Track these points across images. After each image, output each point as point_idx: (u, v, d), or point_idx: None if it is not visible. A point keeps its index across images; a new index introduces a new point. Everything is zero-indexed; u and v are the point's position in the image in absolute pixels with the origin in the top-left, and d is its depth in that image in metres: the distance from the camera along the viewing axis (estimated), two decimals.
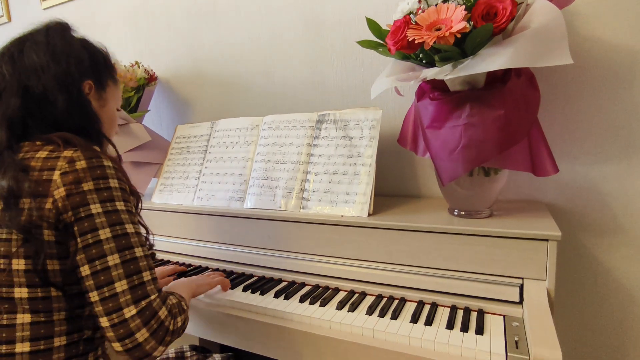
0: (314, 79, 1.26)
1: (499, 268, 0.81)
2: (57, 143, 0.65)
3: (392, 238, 0.90)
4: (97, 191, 0.62)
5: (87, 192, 0.61)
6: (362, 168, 0.98)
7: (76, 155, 0.63)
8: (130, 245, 0.63)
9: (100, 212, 0.61)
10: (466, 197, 0.89)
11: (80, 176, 0.61)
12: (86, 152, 0.64)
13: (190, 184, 1.24)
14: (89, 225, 0.61)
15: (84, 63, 0.73)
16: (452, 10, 0.73)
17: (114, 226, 0.62)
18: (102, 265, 0.60)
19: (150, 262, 0.66)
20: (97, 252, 0.60)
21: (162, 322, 0.62)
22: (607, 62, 0.90)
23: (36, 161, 0.63)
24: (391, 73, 0.87)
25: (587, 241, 0.98)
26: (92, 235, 0.60)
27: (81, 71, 0.72)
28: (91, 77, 0.75)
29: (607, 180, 0.94)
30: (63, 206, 0.60)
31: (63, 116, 0.69)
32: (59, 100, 0.68)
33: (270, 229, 1.06)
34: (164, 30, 1.52)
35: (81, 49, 0.74)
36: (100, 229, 0.61)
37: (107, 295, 0.59)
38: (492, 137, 0.78)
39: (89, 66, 0.74)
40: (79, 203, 0.61)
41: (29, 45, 0.70)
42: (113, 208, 0.63)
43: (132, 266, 0.62)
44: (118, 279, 0.60)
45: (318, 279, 0.99)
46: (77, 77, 0.72)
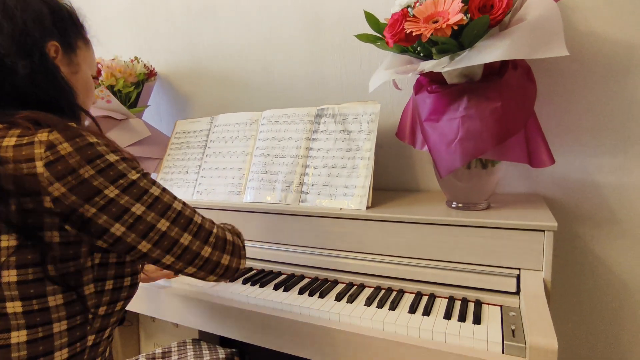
0: (313, 74, 1.26)
1: (496, 259, 0.82)
2: (24, 126, 0.54)
3: (390, 230, 0.90)
4: (100, 174, 0.54)
5: (91, 178, 0.54)
6: (361, 161, 0.99)
7: (54, 138, 0.52)
8: (167, 204, 0.60)
9: (120, 193, 0.56)
10: (464, 190, 0.90)
11: (71, 163, 0.52)
12: (64, 131, 0.54)
13: (189, 178, 1.25)
14: (118, 209, 0.55)
15: (44, 20, 0.62)
16: (449, 3, 0.74)
17: (142, 197, 0.57)
18: (158, 235, 0.59)
19: (189, 207, 0.65)
20: (144, 227, 0.57)
21: (232, 242, 0.69)
22: (603, 55, 0.91)
23: (5, 151, 0.52)
24: (389, 66, 0.87)
25: (584, 233, 0.99)
26: (128, 216, 0.56)
27: (43, 30, 0.61)
28: (56, 37, 0.63)
29: (603, 173, 0.94)
30: (73, 202, 0.53)
31: (27, 86, 0.58)
32: (20, 65, 0.57)
33: (269, 222, 1.06)
34: (164, 25, 1.53)
35: (39, 2, 0.63)
36: (131, 207, 0.56)
37: (179, 252, 0.61)
38: (489, 129, 0.79)
39: (52, 23, 0.63)
40: (90, 193, 0.54)
41: None
42: (128, 182, 0.56)
43: (182, 220, 0.62)
44: (180, 236, 0.61)
45: (317, 272, 0.99)
46: (37, 37, 0.60)
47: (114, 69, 1.25)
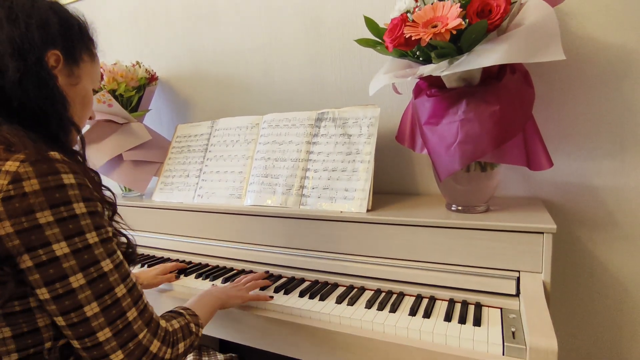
0: (313, 78, 1.27)
1: (495, 261, 0.82)
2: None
3: (390, 233, 0.91)
4: (59, 223, 0.49)
5: (45, 226, 0.49)
6: (361, 165, 1.00)
7: (24, 172, 0.48)
8: (110, 287, 0.54)
9: (68, 253, 0.50)
10: (463, 193, 0.91)
11: (31, 203, 0.48)
12: (38, 164, 0.49)
13: (190, 182, 1.25)
14: (56, 272, 0.50)
15: (50, 28, 0.61)
16: (448, 8, 0.75)
17: (88, 269, 0.52)
18: (79, 317, 0.51)
19: (136, 292, 0.57)
20: (71, 303, 0.51)
21: (154, 355, 0.57)
22: (599, 59, 0.92)
23: None
24: (389, 70, 0.88)
25: (583, 236, 0.99)
26: (61, 285, 0.50)
27: (46, 37, 0.60)
28: (59, 46, 0.62)
29: (601, 176, 0.95)
30: (13, 247, 0.48)
31: (14, 90, 0.55)
32: (10, 67, 0.55)
33: (270, 225, 1.07)
34: (164, 30, 1.54)
35: (49, 10, 0.62)
36: (71, 275, 0.50)
37: (89, 345, 0.53)
38: (488, 132, 0.80)
39: (58, 33, 0.62)
40: (36, 242, 0.48)
41: None
42: (84, 244, 0.51)
43: (114, 311, 0.54)
44: (99, 329, 0.52)
45: (317, 275, 1.00)
46: (38, 43, 0.58)
47: (115, 74, 1.26)
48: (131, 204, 1.30)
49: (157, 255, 1.25)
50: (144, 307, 0.58)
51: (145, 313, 0.58)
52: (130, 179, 1.30)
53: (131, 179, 1.30)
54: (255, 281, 0.93)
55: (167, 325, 0.61)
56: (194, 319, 0.68)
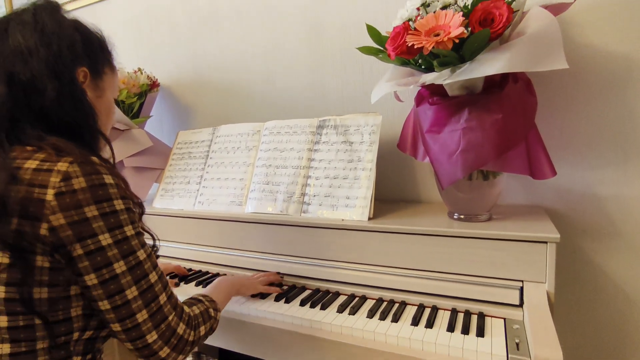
0: (315, 85, 1.27)
1: (498, 271, 0.81)
2: (48, 152, 0.57)
3: (392, 241, 0.90)
4: (102, 217, 0.56)
5: (92, 219, 0.55)
6: (363, 172, 0.99)
7: (72, 171, 0.55)
8: (145, 273, 0.61)
9: (112, 244, 0.57)
10: (465, 201, 0.90)
11: (80, 199, 0.55)
12: (84, 165, 0.56)
13: (191, 188, 1.25)
14: (103, 260, 0.57)
15: (76, 47, 0.65)
16: (450, 17, 0.75)
17: (128, 257, 0.59)
18: (122, 300, 0.58)
19: (164, 279, 0.64)
20: (116, 287, 0.58)
21: (180, 337, 0.64)
22: (602, 68, 0.92)
23: (24, 172, 0.55)
24: (391, 78, 0.88)
25: (586, 245, 0.98)
26: (107, 271, 0.57)
27: (74, 56, 0.64)
28: (86, 63, 0.66)
29: (604, 185, 0.95)
30: (66, 237, 0.54)
31: (53, 108, 0.61)
32: (49, 88, 0.60)
33: (271, 233, 1.06)
34: (167, 37, 1.55)
35: (73, 30, 0.66)
36: (115, 262, 0.57)
37: (129, 326, 0.59)
38: (490, 140, 0.80)
39: (83, 51, 0.66)
40: (85, 233, 0.55)
41: (14, 25, 0.62)
42: (123, 236, 0.58)
43: (149, 294, 0.61)
44: (138, 310, 0.59)
45: (319, 283, 0.99)
46: (69, 62, 0.63)
47: None
48: None
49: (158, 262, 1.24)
50: (171, 293, 0.65)
51: (172, 298, 0.65)
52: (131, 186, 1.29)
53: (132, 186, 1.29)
54: (267, 276, 1.00)
55: (190, 311, 0.68)
56: (212, 304, 0.75)
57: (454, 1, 0.82)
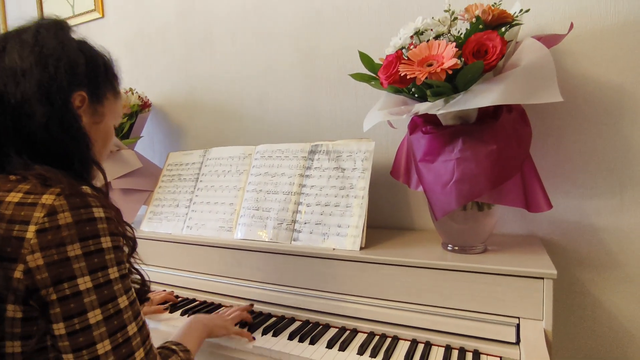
0: (308, 108, 1.26)
1: (494, 306, 0.78)
2: (33, 182, 0.52)
3: (384, 273, 0.87)
4: (86, 257, 0.51)
5: (74, 259, 0.50)
6: (355, 200, 0.97)
7: (59, 205, 0.50)
8: (123, 325, 0.54)
9: (90, 288, 0.51)
10: (460, 232, 0.88)
11: (63, 236, 0.49)
12: (72, 198, 0.51)
13: (180, 212, 1.22)
14: (76, 307, 0.50)
15: (78, 69, 0.61)
16: (444, 47, 0.74)
17: (106, 304, 0.52)
18: (90, 355, 0.51)
19: (144, 331, 0.57)
20: (85, 339, 0.50)
21: None
22: (596, 98, 0.91)
23: (6, 207, 0.50)
24: (383, 106, 0.87)
25: (583, 277, 0.96)
26: (79, 320, 0.50)
27: (73, 79, 0.60)
28: (86, 87, 0.62)
29: (600, 216, 0.93)
30: (41, 280, 0.48)
31: (41, 134, 0.56)
32: (38, 112, 0.55)
33: (260, 261, 1.03)
34: (160, 56, 1.54)
35: (77, 52, 0.62)
36: (90, 310, 0.51)
37: None
38: (485, 171, 0.78)
39: (85, 74, 0.62)
40: (63, 275, 0.49)
41: (13, 43, 0.58)
42: (105, 279, 0.52)
43: (124, 350, 0.53)
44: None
45: (308, 314, 0.95)
46: (65, 86, 0.58)
47: None
48: None
49: None
50: (150, 348, 0.58)
51: (150, 354, 0.57)
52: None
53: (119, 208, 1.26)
54: (240, 312, 0.93)
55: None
56: (186, 355, 0.68)
57: (447, 30, 0.81)
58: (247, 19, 1.34)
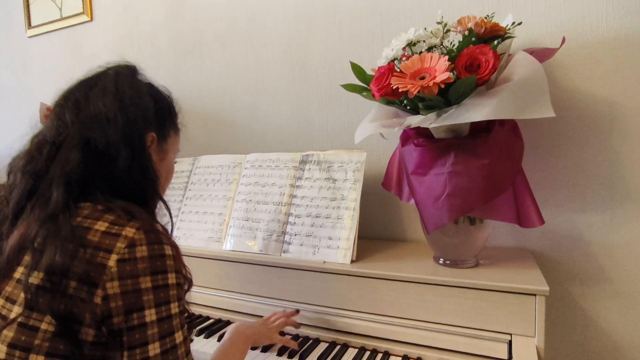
0: (299, 117, 1.24)
1: (486, 322, 0.77)
2: (118, 214, 0.55)
3: (376, 287, 0.86)
4: (154, 290, 0.53)
5: (144, 291, 0.52)
6: (346, 212, 0.96)
7: (138, 238, 0.53)
8: (176, 358, 0.55)
9: (154, 321, 0.52)
10: (452, 246, 0.87)
11: (139, 268, 0.52)
12: (149, 234, 0.54)
13: (168, 221, 1.19)
14: (140, 338, 0.52)
15: (149, 113, 0.64)
16: (436, 60, 0.73)
17: (164, 339, 0.53)
18: None
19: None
20: None
21: None
22: (587, 112, 0.91)
23: (94, 234, 0.53)
24: (375, 118, 0.86)
25: (574, 290, 0.95)
26: (140, 351, 0.52)
27: (146, 122, 0.63)
28: (154, 128, 0.66)
29: (592, 230, 0.93)
30: (115, 307, 0.51)
31: (123, 175, 0.59)
32: (122, 156, 0.59)
33: (250, 272, 1.01)
34: (149, 61, 1.51)
35: (148, 97, 0.65)
36: (151, 342, 0.52)
37: None
38: (477, 186, 0.77)
39: (154, 116, 0.65)
40: (134, 306, 0.51)
41: (97, 91, 0.62)
42: (167, 314, 0.54)
43: None
44: None
45: (299, 328, 0.93)
46: (141, 129, 0.62)
47: None
48: None
49: None
50: None
51: None
52: None
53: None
54: (286, 319, 0.91)
55: None
56: None
57: (440, 42, 0.80)
58: (237, 25, 1.33)
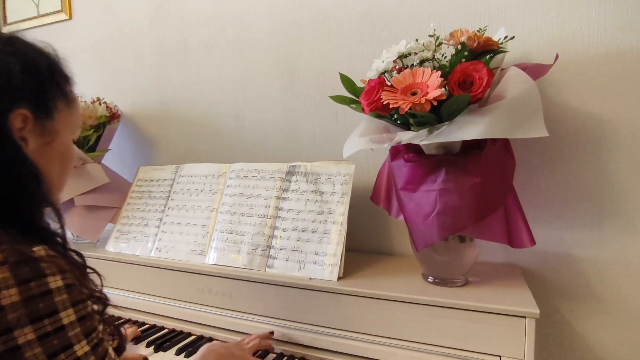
0: (286, 126, 1.21)
1: (475, 344, 0.76)
2: None
3: (363, 305, 0.84)
4: (41, 341, 0.41)
5: (25, 346, 0.40)
6: (333, 226, 0.93)
7: (1, 279, 0.40)
8: None
9: None
10: (441, 263, 0.85)
11: (9, 319, 0.40)
12: (18, 268, 0.41)
13: (149, 232, 1.15)
14: None
15: (12, 82, 0.47)
16: (428, 75, 0.71)
17: None
18: None
19: None
20: None
21: None
22: (577, 128, 0.90)
23: None
24: (365, 132, 0.83)
25: (562, 307, 0.95)
26: None
27: (8, 96, 0.47)
28: (26, 102, 0.48)
29: (580, 246, 0.92)
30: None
31: None
32: None
33: (233, 287, 0.97)
34: (131, 64, 1.46)
35: (9, 57, 0.47)
36: None
37: None
38: (468, 204, 0.75)
39: (22, 84, 0.48)
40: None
41: None
42: (73, 357, 0.43)
43: None
44: None
45: (283, 346, 0.90)
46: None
47: None
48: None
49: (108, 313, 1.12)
50: None
51: None
52: (81, 227, 1.18)
53: (82, 227, 1.18)
54: (260, 340, 0.87)
55: None
56: None
57: (432, 56, 0.78)
58: (223, 29, 1.28)
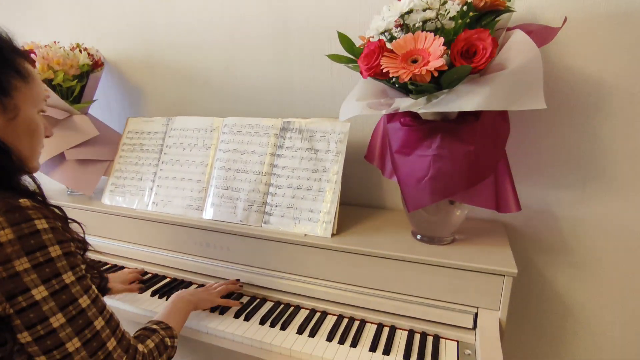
0: (279, 78, 1.17)
1: (456, 296, 0.83)
2: None
3: (354, 261, 0.89)
4: (36, 269, 0.51)
5: (23, 273, 0.50)
6: (327, 185, 0.95)
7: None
8: (89, 321, 0.55)
9: (47, 297, 0.51)
10: (430, 223, 0.89)
11: (8, 253, 0.49)
12: (10, 214, 0.50)
13: (144, 186, 1.16)
14: (37, 316, 0.51)
15: None
16: (430, 41, 0.68)
17: (67, 307, 0.53)
18: (61, 354, 0.53)
19: (113, 322, 0.59)
20: (53, 342, 0.52)
21: None
22: (576, 90, 0.90)
23: None
24: (362, 95, 0.82)
25: (537, 258, 1.02)
26: (42, 327, 0.51)
27: None
28: None
29: (561, 206, 0.97)
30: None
31: None
32: None
33: (231, 242, 1.02)
34: (111, 6, 1.34)
35: None
36: (51, 316, 0.52)
37: None
38: (460, 172, 0.77)
39: None
40: (16, 290, 0.50)
41: None
42: (61, 285, 0.53)
43: (95, 343, 0.55)
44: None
45: (280, 295, 0.98)
46: None
47: (50, 60, 1.09)
48: (78, 207, 1.19)
49: (110, 261, 1.17)
50: (122, 336, 0.60)
51: (123, 341, 0.60)
52: (74, 180, 1.17)
53: (76, 181, 1.17)
54: (227, 285, 0.97)
55: (143, 347, 0.64)
56: (168, 332, 0.71)
57: (435, 16, 0.74)
58: None
